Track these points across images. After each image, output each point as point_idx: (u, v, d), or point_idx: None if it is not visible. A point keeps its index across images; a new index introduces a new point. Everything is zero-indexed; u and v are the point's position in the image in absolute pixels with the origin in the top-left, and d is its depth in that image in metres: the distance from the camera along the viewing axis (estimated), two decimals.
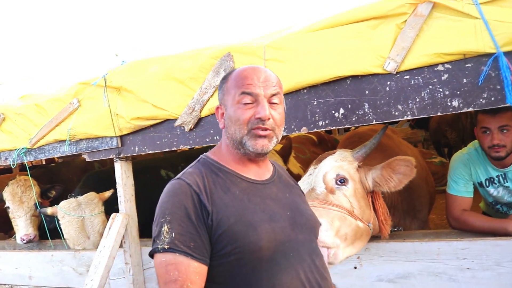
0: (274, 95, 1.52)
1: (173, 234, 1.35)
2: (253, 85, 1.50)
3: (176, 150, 4.12)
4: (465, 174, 2.66)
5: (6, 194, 4.11)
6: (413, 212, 2.96)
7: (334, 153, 2.43)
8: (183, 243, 1.34)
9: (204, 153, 1.65)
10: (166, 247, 1.34)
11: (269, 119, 1.48)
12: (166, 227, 1.36)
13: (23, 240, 4.00)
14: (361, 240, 2.23)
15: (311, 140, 4.90)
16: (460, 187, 2.65)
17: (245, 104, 1.50)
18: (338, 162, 2.31)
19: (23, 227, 4.08)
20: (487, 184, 2.70)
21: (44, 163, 6.62)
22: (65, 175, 5.43)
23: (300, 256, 1.48)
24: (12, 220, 4.16)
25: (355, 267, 2.50)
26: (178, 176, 1.51)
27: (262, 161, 1.62)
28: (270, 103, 1.52)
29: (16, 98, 4.30)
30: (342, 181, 2.24)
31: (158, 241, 1.37)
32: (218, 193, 1.45)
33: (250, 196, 1.49)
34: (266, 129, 1.49)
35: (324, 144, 4.91)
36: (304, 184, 2.32)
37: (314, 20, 2.69)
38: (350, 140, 3.18)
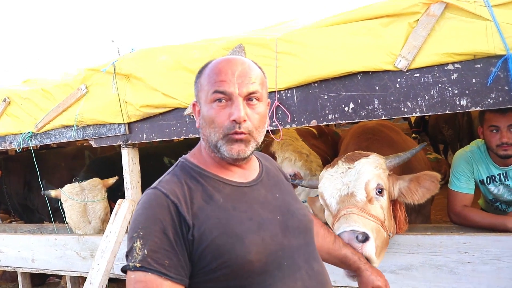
0: (251, 93, 1.33)
1: (146, 251, 1.19)
2: (226, 82, 1.31)
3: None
4: (467, 171, 2.74)
5: None
6: (418, 208, 3.02)
7: (367, 155, 2.35)
8: (156, 261, 1.19)
9: (184, 156, 1.48)
10: (137, 265, 1.19)
11: (245, 121, 1.30)
12: (138, 242, 1.20)
13: None
14: (383, 251, 2.19)
15: (311, 132, 4.94)
16: (462, 184, 2.72)
17: (219, 103, 1.32)
18: (377, 170, 2.26)
19: None
20: (488, 182, 2.78)
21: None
22: (53, 161, 5.46)
23: (295, 264, 1.35)
24: None
25: None
26: (154, 184, 1.35)
27: (246, 162, 1.44)
28: (248, 100, 1.33)
29: (19, 83, 4.32)
30: (380, 191, 2.21)
31: (130, 258, 1.22)
32: (199, 203, 1.30)
33: (235, 202, 1.34)
34: (242, 133, 1.31)
35: (324, 137, 4.94)
36: (337, 183, 2.27)
37: (326, 14, 2.73)
38: (364, 136, 3.14)
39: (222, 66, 1.34)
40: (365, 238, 1.95)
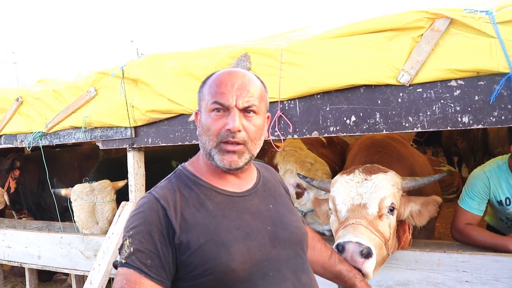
0: (248, 106, 1.37)
1: (132, 249, 1.27)
2: (226, 94, 1.36)
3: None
4: (482, 192, 2.67)
5: None
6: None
7: (386, 171, 2.34)
8: (139, 260, 1.26)
9: (183, 163, 1.54)
10: (123, 261, 1.27)
11: (239, 131, 1.35)
12: (128, 241, 1.29)
13: None
14: (378, 268, 2.17)
15: (319, 141, 4.93)
16: (473, 204, 2.66)
17: (216, 113, 1.37)
18: (394, 189, 2.25)
19: None
20: (508, 203, 2.70)
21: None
22: (66, 161, 5.54)
23: (281, 275, 1.37)
24: None
25: None
26: (151, 189, 1.44)
27: (242, 172, 1.47)
28: (245, 112, 1.38)
29: (33, 82, 4.41)
30: (391, 209, 2.21)
31: (120, 254, 1.31)
32: (189, 210, 1.35)
33: (225, 211, 1.37)
34: (236, 144, 1.36)
35: (333, 146, 4.92)
36: (351, 192, 2.27)
37: (331, 25, 2.73)
38: (375, 149, 3.11)
39: (223, 78, 1.40)
40: (368, 253, 1.94)
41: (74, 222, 3.99)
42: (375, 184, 2.25)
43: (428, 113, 2.17)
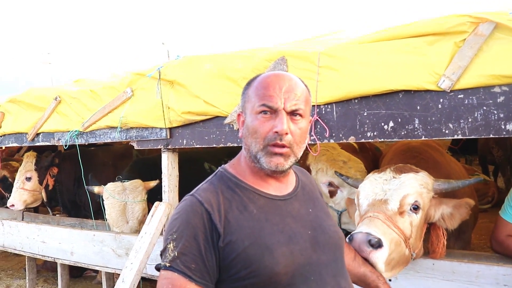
0: (296, 110, 1.39)
1: (176, 253, 1.29)
2: (274, 97, 1.37)
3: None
4: None
5: None
6: (457, 233, 2.91)
7: (417, 171, 2.33)
8: (183, 263, 1.28)
9: (223, 165, 1.55)
10: (167, 264, 1.30)
11: (287, 133, 1.36)
12: (171, 244, 1.31)
13: None
14: (399, 267, 2.18)
15: (351, 146, 4.88)
16: None
17: (264, 115, 1.38)
18: (421, 188, 2.24)
19: None
20: None
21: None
22: (101, 159, 5.65)
23: (322, 279, 1.38)
24: None
25: (390, 279, 2.50)
26: (192, 191, 1.44)
27: (283, 176, 1.49)
28: (292, 115, 1.39)
29: (70, 82, 4.52)
30: (415, 208, 2.19)
31: (163, 257, 1.33)
32: (233, 213, 1.36)
33: (268, 214, 1.39)
34: (283, 146, 1.36)
35: (365, 152, 4.86)
36: (376, 188, 2.28)
37: (366, 30, 2.69)
38: (411, 154, 3.06)
39: (270, 81, 1.41)
40: (378, 245, 1.93)
41: (106, 220, 4.06)
42: (401, 182, 2.25)
43: (470, 120, 2.11)
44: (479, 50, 2.06)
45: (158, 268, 1.35)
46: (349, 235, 1.99)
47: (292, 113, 1.39)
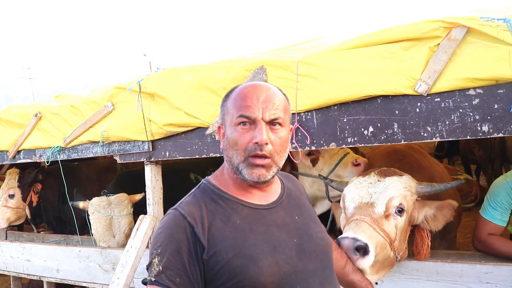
0: (275, 119, 1.38)
1: (161, 267, 1.29)
2: (252, 107, 1.36)
3: None
4: (505, 203, 2.61)
5: None
6: (442, 234, 2.94)
7: (401, 175, 2.36)
8: (168, 278, 1.28)
9: (206, 177, 1.54)
10: (153, 279, 1.29)
11: (267, 144, 1.35)
12: (156, 259, 1.31)
13: None
14: (385, 270, 2.21)
15: None
16: (496, 214, 2.60)
17: (243, 126, 1.37)
18: (405, 191, 2.26)
19: None
20: None
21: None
22: (86, 174, 5.59)
23: (309, 287, 1.38)
24: None
25: (376, 283, 2.52)
26: (176, 205, 1.43)
27: (266, 186, 1.47)
28: (271, 125, 1.38)
29: (50, 97, 4.48)
30: (400, 210, 2.22)
31: (149, 271, 1.33)
32: (216, 225, 1.35)
33: (252, 224, 1.38)
34: (264, 157, 1.36)
35: None
36: (362, 191, 2.31)
37: (345, 36, 2.73)
38: (396, 157, 3.09)
39: (248, 91, 1.40)
40: (365, 250, 1.95)
41: (92, 235, 4.02)
42: (386, 185, 2.27)
43: (447, 122, 2.15)
44: (453, 54, 2.10)
45: (144, 282, 1.34)
46: (336, 239, 2.00)
47: (271, 123, 1.38)
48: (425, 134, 2.20)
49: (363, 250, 1.94)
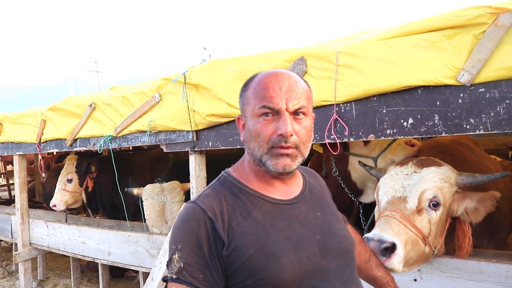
0: (299, 108, 1.32)
1: (182, 264, 1.24)
2: (274, 97, 1.30)
3: None
4: None
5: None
6: (491, 233, 2.79)
7: (440, 165, 2.28)
8: (191, 274, 1.23)
9: (226, 169, 1.48)
10: (174, 276, 1.24)
11: (291, 135, 1.29)
12: (176, 255, 1.26)
13: None
14: (419, 263, 2.14)
15: None
16: None
17: (266, 117, 1.31)
18: (441, 182, 2.18)
19: None
20: None
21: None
22: (139, 162, 5.81)
23: (331, 286, 1.32)
24: None
25: (415, 279, 2.46)
26: (194, 198, 1.38)
27: (289, 178, 1.43)
28: (295, 115, 1.33)
29: (107, 89, 4.70)
30: (435, 204, 2.14)
31: (169, 268, 1.28)
32: (237, 220, 1.30)
33: (273, 220, 1.32)
34: (288, 147, 1.30)
35: None
36: (396, 184, 2.25)
37: (388, 27, 2.65)
38: (439, 149, 2.99)
39: (269, 81, 1.34)
40: (392, 249, 1.90)
41: (145, 221, 4.19)
42: (421, 177, 2.19)
43: (492, 114, 2.04)
44: (499, 42, 1.99)
45: (165, 280, 1.30)
46: (363, 236, 1.96)
47: (295, 113, 1.32)
48: (468, 126, 2.10)
49: (390, 249, 1.89)
